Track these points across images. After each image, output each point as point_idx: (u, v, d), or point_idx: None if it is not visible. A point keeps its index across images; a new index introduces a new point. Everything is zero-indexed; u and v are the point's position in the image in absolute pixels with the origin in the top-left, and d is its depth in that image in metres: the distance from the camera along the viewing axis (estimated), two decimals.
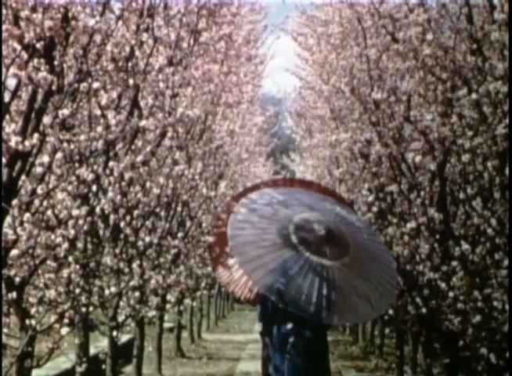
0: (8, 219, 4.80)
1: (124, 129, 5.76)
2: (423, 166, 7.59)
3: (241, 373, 13.60)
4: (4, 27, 4.45)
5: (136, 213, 7.53)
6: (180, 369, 14.22)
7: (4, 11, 4.53)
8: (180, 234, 9.31)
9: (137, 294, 7.81)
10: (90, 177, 5.56)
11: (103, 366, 8.52)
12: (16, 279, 5.40)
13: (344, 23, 9.23)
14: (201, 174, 9.56)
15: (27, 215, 4.87)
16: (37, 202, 5.35)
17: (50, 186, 5.38)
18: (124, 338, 12.27)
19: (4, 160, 4.69)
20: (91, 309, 7.02)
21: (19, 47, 4.51)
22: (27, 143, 4.63)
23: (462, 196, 6.93)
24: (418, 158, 7.06)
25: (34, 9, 4.58)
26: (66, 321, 5.94)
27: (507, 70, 5.49)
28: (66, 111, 4.95)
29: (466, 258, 6.70)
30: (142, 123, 6.03)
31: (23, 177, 4.99)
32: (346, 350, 17.48)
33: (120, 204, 6.94)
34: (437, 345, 9.15)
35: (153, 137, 6.68)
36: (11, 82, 4.78)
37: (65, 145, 5.30)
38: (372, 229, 6.34)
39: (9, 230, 4.74)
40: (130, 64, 6.09)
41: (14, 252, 4.98)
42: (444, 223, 7.29)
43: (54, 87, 4.86)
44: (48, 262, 5.86)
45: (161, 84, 6.75)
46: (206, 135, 9.95)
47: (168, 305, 10.48)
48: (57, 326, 5.82)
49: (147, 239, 7.97)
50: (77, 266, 6.14)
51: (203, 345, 18.32)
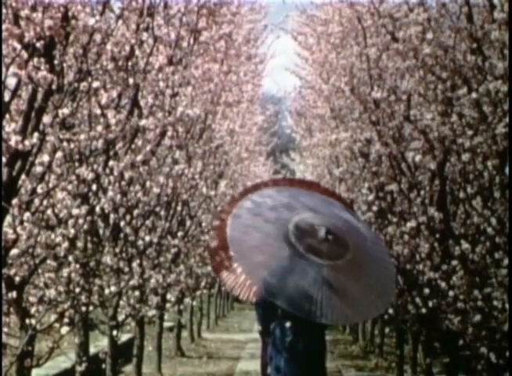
0: (8, 218, 4.80)
1: (124, 128, 5.76)
2: (423, 165, 7.58)
3: (241, 372, 13.60)
4: (4, 26, 4.45)
5: (136, 212, 7.54)
6: (180, 368, 14.21)
7: (4, 10, 4.53)
8: (180, 233, 9.31)
9: (137, 293, 7.81)
10: (90, 176, 5.56)
11: (103, 366, 8.52)
12: (16, 278, 5.40)
13: (344, 23, 9.22)
14: (201, 173, 9.56)
15: (27, 215, 4.87)
16: (37, 201, 5.35)
17: (50, 185, 5.38)
18: (124, 337, 12.26)
19: (4, 159, 4.69)
20: (91, 308, 7.02)
21: (19, 46, 4.51)
22: (27, 143, 4.63)
23: (462, 195, 6.93)
24: (418, 157, 7.06)
25: (34, 9, 4.59)
26: (66, 320, 5.95)
27: (507, 70, 5.49)
28: (66, 110, 4.95)
29: (466, 258, 6.70)
30: (142, 122, 6.03)
31: (23, 176, 4.99)
32: (346, 349, 17.48)
33: (120, 203, 6.94)
34: (437, 345, 9.14)
35: (153, 136, 6.69)
36: (11, 81, 4.79)
37: (65, 144, 5.30)
38: (379, 239, 6.32)
39: (9, 229, 4.74)
40: (130, 63, 6.09)
41: (14, 251, 4.98)
42: (444, 222, 7.29)
43: (54, 86, 4.87)
44: (48, 262, 5.86)
45: (161, 84, 6.75)
46: (206, 135, 9.95)
47: (168, 305, 10.48)
48: (57, 325, 5.83)
49: (147, 238, 7.97)
50: (77, 265, 6.14)
51: (203, 344, 18.32)
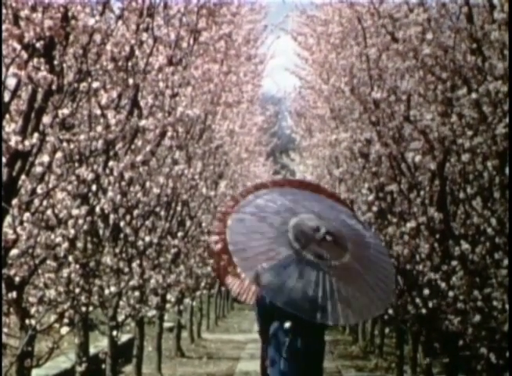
0: (8, 219, 4.80)
1: (123, 129, 5.76)
2: (422, 165, 7.58)
3: (241, 372, 13.60)
4: (4, 26, 4.45)
5: (136, 213, 7.53)
6: (180, 368, 14.21)
7: (4, 10, 4.53)
8: (180, 234, 9.32)
9: (137, 293, 7.81)
10: (90, 177, 5.55)
11: (103, 366, 8.52)
12: (16, 278, 5.40)
13: (343, 23, 9.22)
14: (201, 173, 9.56)
15: (27, 215, 4.87)
16: (37, 202, 5.35)
17: (50, 185, 5.37)
18: (124, 337, 12.26)
19: (4, 159, 4.69)
20: (91, 308, 7.02)
21: (19, 46, 4.51)
22: (27, 143, 4.63)
23: (462, 195, 6.93)
24: (418, 158, 7.05)
25: (33, 9, 4.59)
26: (66, 321, 5.94)
27: (507, 70, 5.49)
28: (65, 111, 4.95)
29: (466, 258, 6.70)
30: (142, 122, 6.03)
31: (23, 176, 4.99)
32: (346, 350, 17.48)
33: (120, 203, 6.94)
34: (437, 345, 9.14)
35: (152, 137, 6.69)
36: (11, 82, 4.79)
37: (65, 144, 5.30)
38: (385, 249, 6.31)
39: (8, 230, 4.74)
40: (130, 64, 6.09)
41: (14, 252, 4.98)
42: (444, 223, 7.28)
43: (54, 86, 4.87)
44: (48, 262, 5.86)
45: (161, 84, 6.75)
46: (206, 135, 9.95)
47: (168, 305, 10.48)
48: (57, 325, 5.82)
49: (147, 238, 7.97)
50: (77, 266, 6.14)
51: (202, 344, 18.32)
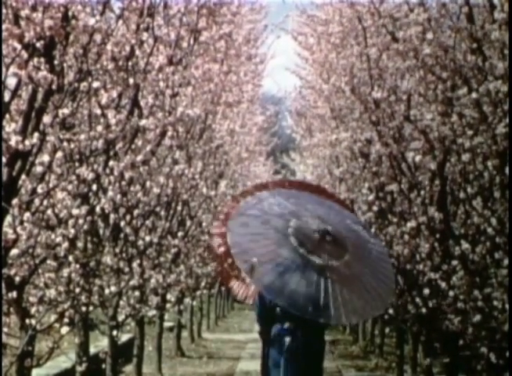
0: (8, 219, 4.80)
1: (124, 128, 5.76)
2: (423, 165, 7.58)
3: (241, 372, 13.60)
4: (4, 26, 4.45)
5: (136, 212, 7.53)
6: (180, 368, 14.21)
7: (4, 10, 4.53)
8: (180, 233, 9.31)
9: (137, 293, 7.81)
10: (90, 176, 5.55)
11: (103, 366, 8.52)
12: (16, 278, 5.40)
13: (344, 23, 9.22)
14: (201, 173, 9.55)
15: (27, 215, 4.87)
16: (37, 201, 5.35)
17: (50, 185, 5.37)
18: (124, 337, 12.26)
19: (4, 159, 4.69)
20: (92, 308, 7.02)
21: (19, 46, 4.51)
22: (27, 143, 4.63)
23: (462, 195, 6.92)
24: (418, 157, 7.05)
25: (34, 9, 4.59)
26: (66, 320, 5.94)
27: (507, 70, 5.48)
28: (66, 110, 4.95)
29: (467, 258, 6.70)
30: (142, 122, 6.03)
31: (24, 176, 4.99)
32: (346, 349, 17.48)
33: (120, 203, 6.94)
34: (437, 345, 9.14)
35: (153, 136, 6.69)
36: (11, 81, 4.79)
37: (65, 144, 5.30)
38: (387, 256, 6.31)
39: (9, 230, 4.74)
40: (130, 63, 6.09)
41: (14, 251, 4.98)
42: (444, 222, 7.28)
43: (54, 86, 4.87)
44: (49, 262, 5.86)
45: (161, 84, 6.75)
46: (206, 135, 9.95)
47: (168, 305, 10.47)
48: (57, 325, 5.82)
49: (147, 238, 7.97)
50: (77, 266, 6.14)
51: (203, 344, 18.32)
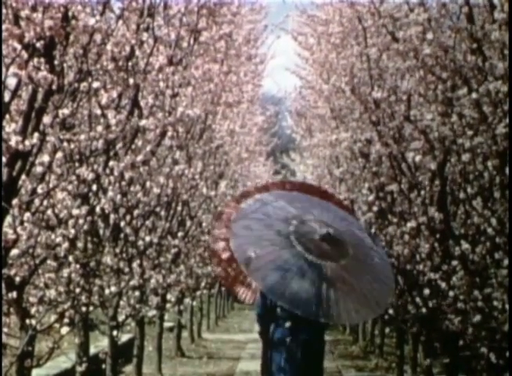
0: (8, 219, 4.79)
1: (124, 129, 5.76)
2: (423, 165, 7.58)
3: (241, 372, 13.60)
4: (4, 26, 4.45)
5: (136, 212, 7.53)
6: (180, 368, 14.21)
7: (4, 10, 4.53)
8: (180, 234, 9.31)
9: (137, 293, 7.81)
10: (90, 176, 5.55)
11: (103, 366, 8.52)
12: (17, 278, 5.40)
13: (344, 23, 9.22)
14: (201, 173, 9.56)
15: (27, 215, 4.87)
16: (37, 201, 5.35)
17: (50, 185, 5.37)
18: (125, 337, 12.26)
19: (4, 159, 4.69)
20: (92, 308, 7.02)
21: (19, 46, 4.51)
22: (27, 143, 4.63)
23: (462, 195, 6.92)
24: (418, 158, 7.05)
25: (34, 9, 4.58)
26: (67, 321, 5.94)
27: (507, 70, 5.48)
28: (66, 111, 4.95)
29: (467, 258, 6.70)
30: (142, 122, 6.03)
31: (24, 176, 4.98)
32: (346, 349, 17.48)
33: (120, 203, 6.94)
34: (437, 345, 9.14)
35: (153, 136, 6.69)
36: (11, 82, 4.78)
37: (65, 144, 5.30)
38: (388, 263, 6.33)
39: (9, 230, 4.74)
40: (130, 64, 6.08)
41: (14, 252, 4.98)
42: (444, 223, 7.28)
43: (54, 86, 4.86)
44: (49, 262, 5.86)
45: (161, 84, 6.75)
46: (206, 135, 9.95)
47: (168, 305, 10.47)
48: (57, 325, 5.82)
49: (147, 238, 7.97)
50: (78, 266, 6.14)
51: (203, 344, 18.32)
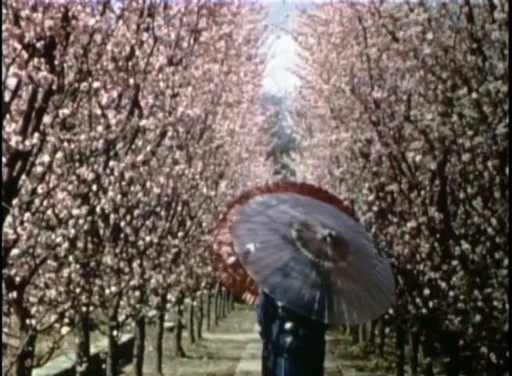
0: (8, 219, 4.79)
1: (124, 129, 5.76)
2: (423, 165, 7.59)
3: (241, 372, 13.60)
4: (4, 26, 4.45)
5: (136, 212, 7.53)
6: (180, 368, 14.21)
7: (4, 10, 4.54)
8: (180, 234, 9.31)
9: (137, 293, 7.81)
10: (90, 176, 5.55)
11: (104, 366, 8.52)
12: (17, 278, 5.40)
13: (344, 23, 9.23)
14: (201, 173, 9.56)
15: (28, 215, 4.87)
16: (37, 201, 5.35)
17: (50, 185, 5.37)
18: (125, 337, 12.26)
19: (4, 159, 4.69)
20: (92, 308, 7.02)
21: (19, 46, 4.51)
22: (28, 143, 4.63)
23: (462, 195, 6.93)
24: (418, 157, 7.06)
25: (34, 9, 4.59)
26: (67, 321, 5.94)
27: (507, 70, 5.49)
28: (66, 111, 4.95)
29: (467, 258, 6.70)
30: (143, 122, 6.03)
31: (24, 176, 4.98)
32: (346, 349, 17.49)
33: (120, 203, 6.94)
34: (437, 345, 9.14)
35: (153, 136, 6.69)
36: (11, 82, 4.78)
37: (65, 144, 5.31)
38: (389, 269, 6.36)
39: (9, 230, 4.74)
40: (130, 64, 6.09)
41: (14, 252, 4.98)
42: (444, 222, 7.29)
43: (54, 86, 4.87)
44: (49, 262, 5.86)
45: (161, 84, 6.75)
46: (206, 135, 9.95)
47: (169, 305, 10.48)
48: (57, 325, 5.82)
49: (147, 238, 7.97)
50: (78, 266, 6.14)
51: (203, 344, 18.32)
